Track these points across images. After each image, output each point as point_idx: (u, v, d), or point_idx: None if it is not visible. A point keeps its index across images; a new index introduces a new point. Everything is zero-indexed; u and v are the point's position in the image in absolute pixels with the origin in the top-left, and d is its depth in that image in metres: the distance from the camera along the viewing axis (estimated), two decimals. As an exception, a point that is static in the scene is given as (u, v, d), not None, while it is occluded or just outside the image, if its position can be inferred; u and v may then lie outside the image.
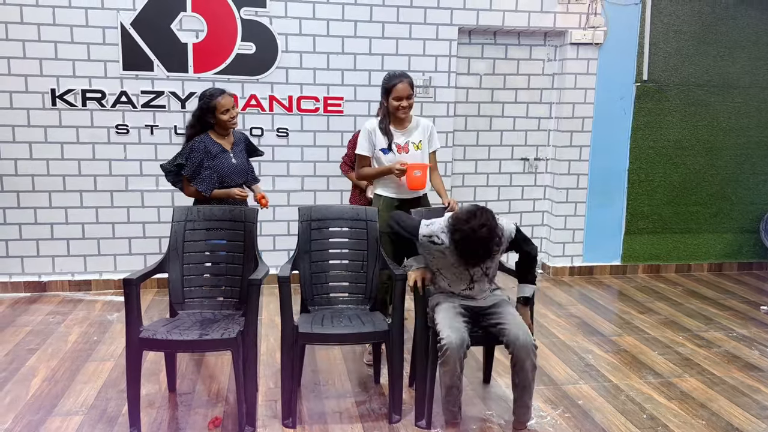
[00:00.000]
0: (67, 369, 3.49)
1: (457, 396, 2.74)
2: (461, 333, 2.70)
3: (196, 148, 3.51)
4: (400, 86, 3.37)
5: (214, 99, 3.49)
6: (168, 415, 3.01)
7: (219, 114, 3.50)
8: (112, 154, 4.79)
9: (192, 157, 3.50)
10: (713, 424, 3.03)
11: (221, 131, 3.60)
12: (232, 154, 3.61)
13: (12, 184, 4.71)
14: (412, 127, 3.53)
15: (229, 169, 3.57)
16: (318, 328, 2.93)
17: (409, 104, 3.42)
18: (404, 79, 3.40)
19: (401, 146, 3.48)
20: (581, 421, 3.03)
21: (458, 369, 2.69)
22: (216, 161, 3.53)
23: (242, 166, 3.65)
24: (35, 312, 4.42)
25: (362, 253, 3.33)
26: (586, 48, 5.32)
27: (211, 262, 3.22)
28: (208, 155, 3.51)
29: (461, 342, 2.67)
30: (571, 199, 5.54)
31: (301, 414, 3.04)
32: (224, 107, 3.51)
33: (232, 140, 3.66)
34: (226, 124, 3.55)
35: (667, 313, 4.70)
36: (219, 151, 3.55)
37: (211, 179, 3.52)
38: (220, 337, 2.76)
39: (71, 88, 4.66)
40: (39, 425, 2.87)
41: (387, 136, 3.46)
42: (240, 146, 3.70)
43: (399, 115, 3.44)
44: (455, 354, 2.66)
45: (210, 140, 3.56)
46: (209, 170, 3.51)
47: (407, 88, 3.39)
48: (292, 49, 4.89)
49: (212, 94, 3.52)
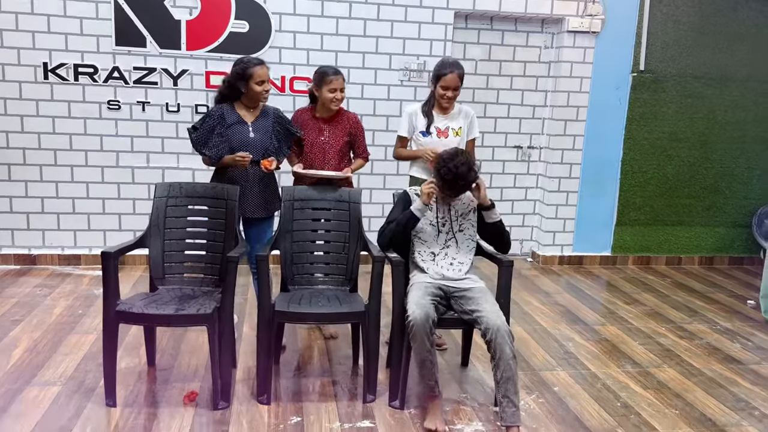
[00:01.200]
0: (50, 341, 3.52)
1: (431, 369, 2.76)
2: (426, 309, 2.74)
3: (212, 113, 3.37)
4: (450, 77, 3.41)
5: (252, 67, 3.30)
6: (145, 389, 3.03)
7: (253, 83, 3.31)
8: (104, 129, 4.80)
9: (206, 123, 3.35)
10: (686, 414, 3.05)
11: (249, 103, 3.41)
12: (251, 128, 3.39)
13: (3, 157, 4.72)
14: (454, 113, 3.58)
15: (241, 142, 3.35)
16: (295, 307, 2.95)
17: (455, 95, 3.47)
18: (455, 70, 3.42)
19: (441, 130, 3.52)
20: (555, 407, 3.05)
21: (427, 343, 2.72)
22: (229, 131, 3.35)
23: (261, 142, 3.38)
24: (23, 284, 4.45)
25: (344, 235, 3.34)
26: (583, 36, 5.28)
27: (191, 238, 3.23)
28: (222, 123, 3.35)
29: (426, 317, 2.71)
30: (563, 188, 5.53)
31: (276, 391, 3.06)
32: (261, 78, 3.32)
33: (257, 115, 3.44)
34: (259, 95, 3.36)
35: (653, 304, 4.70)
36: (235, 122, 3.37)
37: (221, 148, 3.34)
38: (196, 312, 2.78)
39: (63, 62, 4.66)
40: (16, 394, 2.91)
41: (428, 118, 3.51)
42: (266, 122, 3.43)
43: (443, 103, 3.51)
44: (421, 329, 2.70)
45: (229, 109, 3.39)
46: (220, 138, 3.34)
47: (456, 80, 3.42)
48: (286, 28, 4.87)
49: (250, 61, 3.34)
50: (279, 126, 3.47)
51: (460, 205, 3.09)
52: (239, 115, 3.41)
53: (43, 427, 2.65)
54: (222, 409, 2.85)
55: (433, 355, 2.77)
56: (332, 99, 3.44)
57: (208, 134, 3.35)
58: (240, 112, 3.42)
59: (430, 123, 3.52)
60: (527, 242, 5.82)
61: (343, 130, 3.54)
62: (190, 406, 2.87)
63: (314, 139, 3.51)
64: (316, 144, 3.51)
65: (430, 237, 3.08)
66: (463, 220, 3.09)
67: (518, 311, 4.35)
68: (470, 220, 3.10)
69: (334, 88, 3.43)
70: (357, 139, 3.60)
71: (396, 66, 5.08)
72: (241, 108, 3.43)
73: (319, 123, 3.53)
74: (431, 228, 3.07)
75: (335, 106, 3.48)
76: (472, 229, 3.11)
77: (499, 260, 3.06)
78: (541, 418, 2.94)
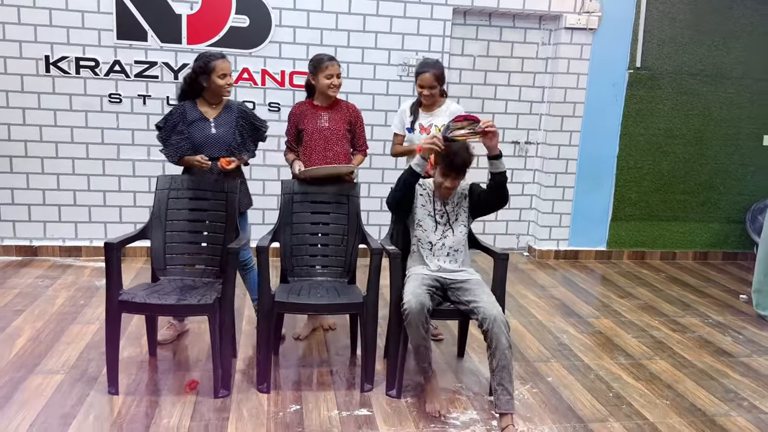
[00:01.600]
0: (52, 330, 3.57)
1: (425, 353, 2.85)
2: (421, 298, 2.81)
3: (174, 111, 3.33)
4: (423, 77, 3.50)
5: (213, 60, 3.26)
6: (147, 378, 3.09)
7: (215, 77, 3.25)
8: (105, 122, 4.84)
9: (169, 121, 3.31)
10: (677, 404, 3.11)
11: (212, 98, 3.35)
12: (213, 124, 3.34)
13: (5, 149, 4.77)
14: (440, 110, 3.62)
15: (204, 139, 3.30)
16: (294, 298, 3.01)
17: (432, 93, 3.53)
18: (430, 70, 3.48)
19: (424, 127, 3.58)
20: (548, 397, 3.12)
21: (422, 330, 2.79)
22: (191, 128, 3.30)
23: (224, 138, 3.33)
24: (25, 275, 4.50)
25: (343, 228, 3.40)
26: (580, 33, 5.33)
27: (192, 230, 3.28)
28: (184, 121, 3.30)
29: (421, 306, 2.78)
30: (560, 183, 5.59)
31: (276, 380, 3.12)
32: (223, 71, 3.27)
33: (219, 110, 3.38)
34: (221, 89, 3.31)
35: (647, 298, 4.77)
36: (197, 119, 3.32)
37: (181, 146, 3.29)
38: (197, 303, 2.84)
39: (65, 56, 4.70)
40: (20, 382, 2.96)
41: (413, 116, 3.61)
42: (229, 117, 3.38)
43: (423, 101, 3.59)
44: (416, 317, 2.77)
45: (191, 106, 3.34)
46: (181, 136, 3.29)
47: (430, 79, 3.48)
48: (286, 23, 4.92)
49: (212, 55, 3.30)
50: (243, 120, 3.42)
51: (455, 194, 3.16)
52: (201, 112, 3.35)
53: (47, 414, 2.70)
54: (222, 397, 2.91)
55: (427, 342, 2.85)
56: (329, 85, 3.42)
57: (171, 132, 3.32)
58: (202, 109, 3.36)
59: (415, 120, 3.61)
60: (524, 237, 5.88)
61: (343, 118, 3.52)
62: (191, 395, 2.93)
63: (315, 127, 3.47)
64: (316, 131, 3.46)
65: (429, 227, 3.13)
66: (459, 209, 3.17)
67: (514, 304, 4.42)
68: (463, 207, 3.17)
69: (330, 74, 3.40)
70: (356, 129, 3.58)
71: (395, 61, 5.13)
72: (203, 104, 3.37)
73: (318, 110, 3.50)
74: (430, 219, 3.13)
75: (333, 92, 3.45)
76: (465, 215, 3.18)
77: (494, 253, 3.12)
78: (534, 407, 3.01)
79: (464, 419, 2.86)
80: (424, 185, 3.17)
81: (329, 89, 3.44)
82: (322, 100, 3.52)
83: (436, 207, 3.14)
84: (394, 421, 2.81)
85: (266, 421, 2.75)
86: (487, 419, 2.87)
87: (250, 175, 5.06)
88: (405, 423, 2.80)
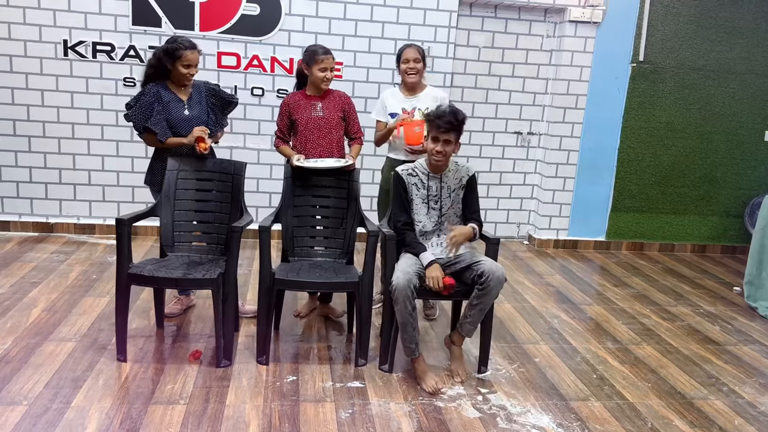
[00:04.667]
0: (66, 301, 3.77)
1: (412, 333, 3.00)
2: (408, 275, 2.96)
3: (147, 91, 3.37)
4: (407, 51, 3.67)
5: (182, 49, 3.30)
6: (153, 347, 3.28)
7: (179, 65, 3.31)
8: (119, 105, 5.01)
9: (142, 101, 3.34)
10: (657, 387, 3.25)
11: (176, 83, 3.43)
12: (186, 106, 3.42)
13: (24, 129, 4.96)
14: (423, 95, 3.75)
15: (179, 120, 3.39)
16: (293, 276, 3.17)
17: (416, 67, 3.65)
18: (413, 46, 3.70)
19: (407, 111, 3.71)
20: (533, 376, 3.26)
21: (408, 306, 2.95)
22: (167, 109, 3.37)
23: (198, 119, 3.43)
24: (41, 250, 4.71)
25: (342, 211, 3.55)
26: (584, 26, 5.42)
27: (199, 210, 3.45)
28: (159, 101, 3.36)
29: (407, 282, 2.93)
30: (561, 174, 5.70)
31: (276, 353, 3.29)
32: (188, 61, 3.32)
33: (189, 92, 3.47)
34: (182, 78, 3.36)
35: (641, 287, 4.89)
36: (171, 100, 3.39)
37: (163, 125, 3.36)
38: (202, 277, 3.01)
39: (82, 40, 4.87)
40: (35, 347, 3.16)
41: (396, 100, 3.74)
42: (199, 98, 3.49)
43: (408, 79, 3.68)
44: (402, 292, 2.93)
45: (163, 87, 3.40)
46: (160, 115, 3.35)
47: (414, 52, 3.67)
48: (296, 12, 5.05)
49: (183, 43, 3.32)
50: (213, 98, 3.52)
51: (452, 180, 3.25)
52: (173, 93, 3.42)
53: (60, 376, 2.89)
54: (224, 367, 3.09)
55: (414, 319, 3.00)
56: (323, 78, 3.47)
57: (146, 112, 3.35)
58: (173, 89, 3.43)
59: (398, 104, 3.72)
60: (524, 225, 6.00)
61: (336, 106, 3.59)
62: (195, 364, 3.11)
63: (309, 116, 3.54)
64: (311, 120, 3.54)
65: (421, 212, 3.25)
66: (455, 196, 3.26)
67: (509, 290, 4.56)
68: (459, 195, 3.28)
69: (324, 67, 3.46)
70: (350, 116, 3.65)
71: (401, 51, 5.25)
72: (172, 86, 3.43)
73: (311, 100, 3.57)
74: (423, 204, 3.25)
75: (326, 85, 3.53)
76: (459, 205, 3.29)
77: (485, 238, 3.26)
78: (519, 384, 3.16)
79: (451, 393, 3.02)
80: (415, 171, 3.25)
81: (322, 82, 3.50)
82: (314, 91, 3.56)
83: (430, 192, 3.25)
84: (384, 393, 2.97)
85: (264, 389, 2.92)
86: (473, 394, 3.03)
87: (258, 159, 5.24)
88: (395, 395, 2.96)
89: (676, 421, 2.92)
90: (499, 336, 3.73)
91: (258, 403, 2.80)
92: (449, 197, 3.26)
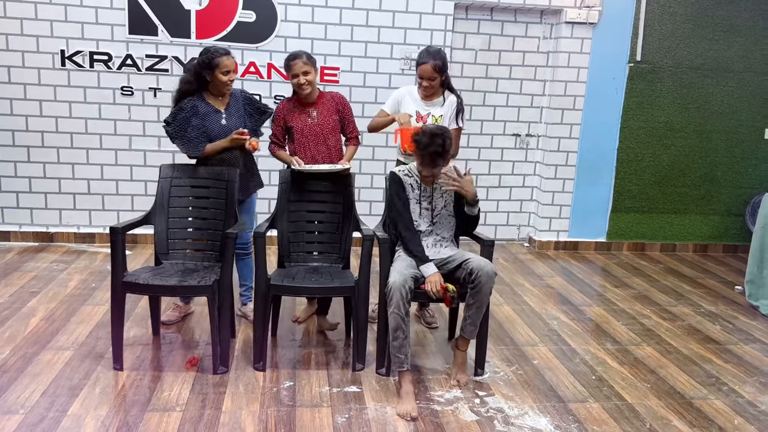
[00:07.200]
0: (64, 310, 3.78)
1: (402, 341, 2.95)
2: (404, 276, 2.97)
3: (184, 106, 3.41)
4: (423, 68, 3.56)
5: (218, 57, 3.34)
6: (150, 355, 3.28)
7: (218, 73, 3.35)
8: (118, 114, 5.04)
9: (179, 116, 3.40)
10: (657, 388, 3.23)
11: (215, 92, 3.47)
12: (225, 116, 3.48)
13: (23, 140, 4.99)
14: (438, 101, 3.70)
15: (219, 131, 3.45)
16: (289, 281, 3.17)
17: (430, 84, 3.59)
18: (430, 61, 3.53)
19: (422, 116, 3.67)
20: (531, 378, 3.25)
21: (402, 309, 2.93)
22: (206, 122, 3.43)
23: (235, 127, 3.47)
24: (41, 260, 4.73)
25: (337, 216, 3.55)
26: (581, 27, 5.42)
27: (194, 217, 3.45)
28: (196, 115, 3.41)
29: (403, 282, 2.94)
30: (560, 175, 5.69)
31: (273, 359, 3.29)
32: (226, 68, 3.36)
33: (227, 102, 3.51)
34: (223, 85, 3.41)
35: (642, 288, 4.87)
36: (209, 111, 3.44)
37: (201, 140, 3.42)
38: (197, 284, 3.01)
39: (80, 50, 4.90)
40: (33, 356, 3.17)
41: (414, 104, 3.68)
42: (237, 107, 3.53)
43: (422, 94, 3.67)
44: (397, 293, 2.92)
45: (201, 100, 3.45)
46: (197, 130, 3.41)
47: (429, 71, 3.53)
48: (291, 18, 5.07)
49: (217, 50, 3.36)
50: (249, 107, 3.58)
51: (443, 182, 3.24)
52: (211, 105, 3.47)
53: (57, 384, 2.90)
54: (221, 374, 3.08)
55: (406, 326, 2.95)
56: (296, 84, 3.45)
57: (184, 127, 3.40)
58: (210, 102, 3.47)
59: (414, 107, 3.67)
60: (524, 228, 5.99)
61: (330, 109, 3.58)
62: (192, 371, 3.11)
63: (305, 123, 3.55)
64: (307, 127, 3.55)
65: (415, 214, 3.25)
66: (447, 196, 3.28)
67: (509, 292, 4.54)
68: (451, 195, 3.29)
69: (295, 74, 3.43)
70: (346, 116, 3.63)
71: (397, 55, 5.26)
72: (210, 97, 3.48)
73: (306, 107, 3.56)
74: (416, 204, 3.25)
75: (303, 90, 3.47)
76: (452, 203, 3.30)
77: (481, 240, 3.25)
78: (517, 386, 3.14)
79: (449, 397, 3.01)
80: (411, 172, 3.28)
81: (298, 88, 3.47)
82: (304, 97, 3.55)
83: (423, 193, 3.26)
84: (381, 398, 2.96)
85: (260, 395, 2.92)
86: (470, 397, 3.01)
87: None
88: (391, 399, 2.95)
89: (675, 421, 2.90)
90: (497, 338, 3.72)
91: (254, 409, 2.79)
92: (441, 197, 3.27)
